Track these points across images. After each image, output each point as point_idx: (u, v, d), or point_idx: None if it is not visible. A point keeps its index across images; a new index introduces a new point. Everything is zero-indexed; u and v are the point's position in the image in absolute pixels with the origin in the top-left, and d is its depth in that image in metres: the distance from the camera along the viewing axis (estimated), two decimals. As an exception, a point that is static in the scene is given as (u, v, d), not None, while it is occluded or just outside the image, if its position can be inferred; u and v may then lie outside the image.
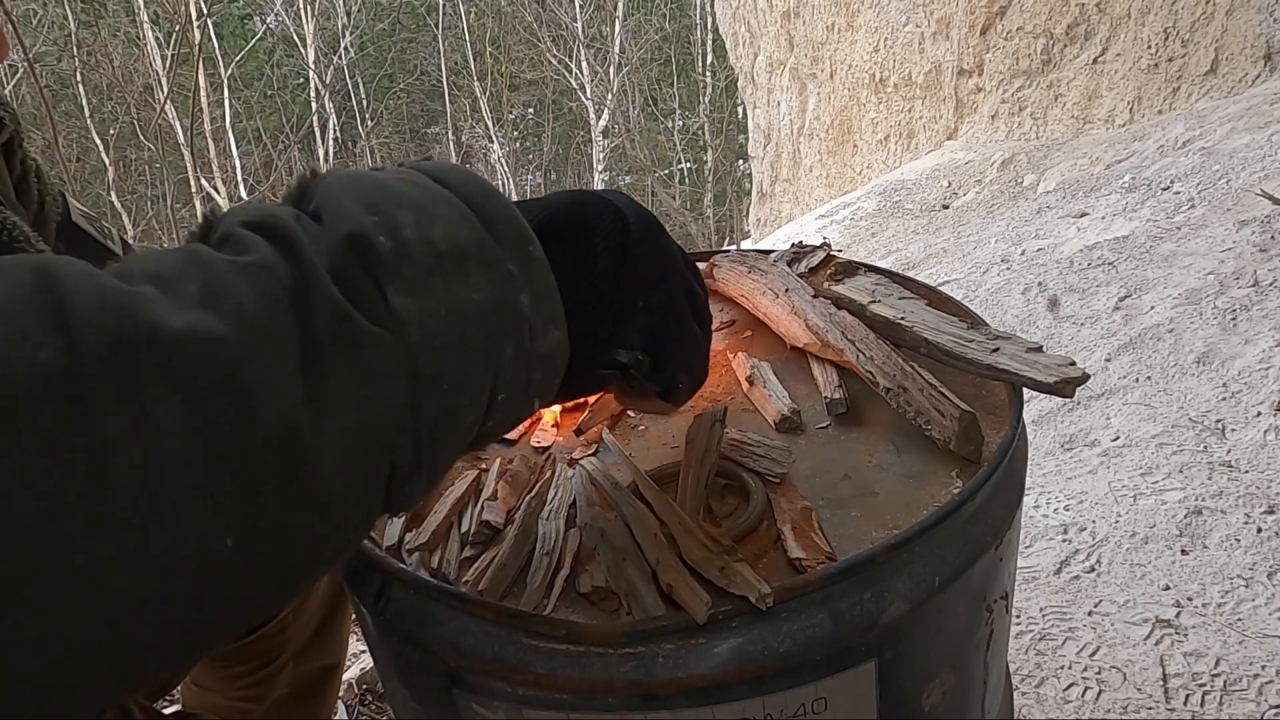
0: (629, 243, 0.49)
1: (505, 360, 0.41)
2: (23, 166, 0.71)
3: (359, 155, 14.26)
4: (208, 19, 9.84)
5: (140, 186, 12.67)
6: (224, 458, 0.33)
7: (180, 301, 0.33)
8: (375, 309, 0.37)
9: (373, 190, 0.40)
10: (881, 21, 5.44)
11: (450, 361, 0.39)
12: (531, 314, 0.42)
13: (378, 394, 0.37)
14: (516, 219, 0.43)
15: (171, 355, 0.32)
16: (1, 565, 0.28)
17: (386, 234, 0.38)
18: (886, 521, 0.56)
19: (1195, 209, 2.99)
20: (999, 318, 2.72)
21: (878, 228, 4.55)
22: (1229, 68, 3.96)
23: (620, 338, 0.49)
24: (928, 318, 0.70)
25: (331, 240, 0.37)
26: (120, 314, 0.32)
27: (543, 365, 0.44)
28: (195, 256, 0.36)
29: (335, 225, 0.38)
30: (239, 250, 0.36)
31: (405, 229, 0.39)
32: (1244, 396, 2.00)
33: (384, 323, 0.37)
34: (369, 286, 0.37)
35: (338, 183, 0.41)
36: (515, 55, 15.02)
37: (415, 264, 0.38)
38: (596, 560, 0.54)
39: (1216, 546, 1.57)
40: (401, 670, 0.57)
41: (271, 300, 0.35)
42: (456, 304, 0.39)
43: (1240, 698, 1.25)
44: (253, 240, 0.37)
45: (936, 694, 0.55)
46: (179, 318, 0.32)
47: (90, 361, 0.30)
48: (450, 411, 0.40)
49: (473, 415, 0.41)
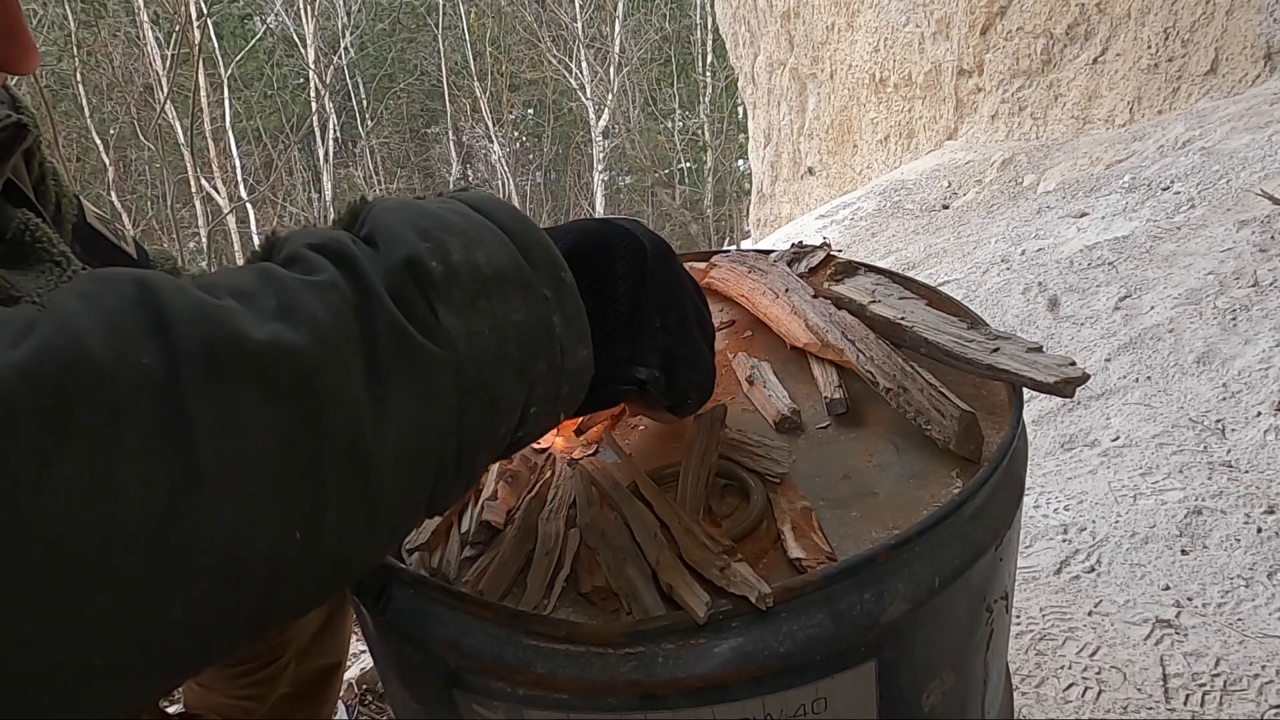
0: (647, 268, 0.52)
1: (538, 376, 0.45)
2: (40, 170, 0.72)
3: (359, 155, 14.25)
4: (208, 19, 9.84)
5: (140, 186, 12.67)
6: (298, 455, 0.36)
7: (261, 314, 0.37)
8: (429, 326, 0.41)
9: (422, 217, 0.44)
10: (881, 21, 5.44)
11: (492, 376, 0.43)
12: (563, 334, 0.46)
13: (431, 404, 0.40)
14: (549, 246, 0.46)
15: (258, 361, 0.35)
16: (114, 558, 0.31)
17: (437, 259, 0.42)
18: (886, 521, 0.56)
19: (1195, 209, 2.99)
20: (999, 318, 2.72)
21: (878, 228, 4.55)
22: (1229, 68, 3.96)
23: (638, 356, 0.53)
24: (928, 318, 0.70)
25: (389, 263, 0.41)
26: (212, 323, 0.35)
27: (570, 380, 0.47)
28: (269, 275, 0.39)
29: (391, 249, 0.42)
30: (307, 270, 0.40)
31: (454, 254, 0.42)
32: (1244, 396, 2.00)
33: (437, 339, 0.41)
34: (423, 306, 0.41)
35: (389, 210, 0.44)
36: (515, 55, 15.01)
37: (463, 287, 0.42)
38: (596, 560, 0.54)
39: (1216, 546, 1.57)
40: (401, 670, 0.57)
41: (340, 315, 0.38)
42: (498, 323, 0.43)
43: (1240, 698, 1.25)
44: (319, 261, 0.40)
45: (936, 694, 0.55)
46: (262, 329, 0.36)
47: (187, 365, 0.34)
48: (489, 422, 0.43)
49: (507, 426, 0.45)
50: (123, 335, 0.33)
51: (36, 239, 0.62)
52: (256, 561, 0.35)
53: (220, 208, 11.42)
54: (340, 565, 0.39)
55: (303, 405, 0.36)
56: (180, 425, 0.33)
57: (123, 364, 0.33)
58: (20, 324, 0.33)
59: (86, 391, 0.32)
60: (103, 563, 0.31)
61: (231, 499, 0.34)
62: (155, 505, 0.32)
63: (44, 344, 0.32)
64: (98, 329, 0.33)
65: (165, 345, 0.34)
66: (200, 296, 0.36)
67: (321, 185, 13.30)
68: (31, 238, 0.62)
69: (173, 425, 0.33)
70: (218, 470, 0.33)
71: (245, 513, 0.34)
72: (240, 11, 14.13)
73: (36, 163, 0.71)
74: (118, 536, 0.31)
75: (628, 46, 14.01)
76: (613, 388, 0.53)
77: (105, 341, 0.33)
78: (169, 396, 0.33)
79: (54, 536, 0.30)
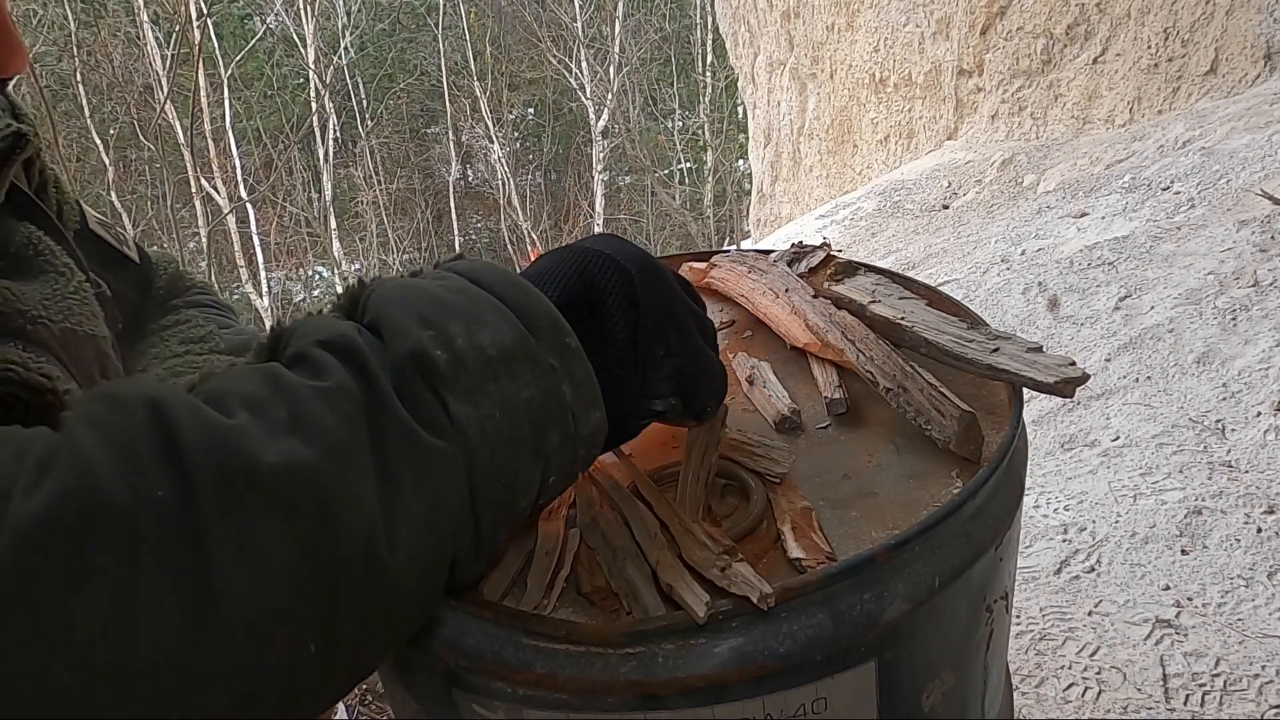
0: (637, 297, 0.51)
1: (553, 447, 0.45)
2: (41, 177, 0.71)
3: (359, 155, 14.25)
4: (208, 19, 9.85)
5: (140, 186, 12.67)
6: (314, 574, 0.36)
7: (273, 429, 0.37)
8: (437, 420, 0.41)
9: (423, 302, 0.44)
10: (881, 21, 5.44)
11: (506, 459, 0.43)
12: (574, 401, 0.46)
13: (442, 499, 0.41)
14: (551, 313, 0.46)
15: (272, 485, 0.36)
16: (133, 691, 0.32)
17: (442, 347, 0.42)
18: (886, 521, 0.56)
19: (1195, 209, 2.99)
20: (999, 318, 2.72)
21: (878, 228, 4.55)
22: (1229, 68, 3.96)
23: (650, 389, 0.52)
24: (928, 318, 0.70)
25: (394, 357, 0.41)
26: (224, 448, 0.35)
27: (586, 444, 0.48)
28: (279, 381, 0.39)
29: (396, 343, 0.42)
30: (317, 373, 0.40)
31: (458, 340, 0.43)
32: (1244, 396, 2.00)
33: (444, 433, 0.41)
34: (430, 399, 0.41)
35: (389, 296, 0.44)
36: (515, 55, 15.02)
37: (470, 373, 0.42)
38: (596, 560, 0.54)
39: (1216, 546, 1.57)
40: (401, 670, 0.57)
41: (350, 423, 0.39)
42: (508, 405, 0.43)
43: (1240, 698, 1.25)
44: (327, 361, 0.41)
45: (936, 694, 0.55)
46: (275, 449, 0.36)
47: (202, 495, 0.34)
48: (507, 503, 0.44)
49: (526, 501, 0.45)
50: (138, 467, 0.34)
51: (39, 251, 0.62)
52: (272, 680, 0.36)
53: (220, 208, 11.43)
54: (355, 671, 0.40)
55: (317, 523, 0.36)
56: (197, 557, 0.34)
57: (139, 501, 0.33)
58: (40, 457, 0.34)
59: (105, 534, 0.33)
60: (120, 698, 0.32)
61: (247, 623, 0.34)
62: (171, 637, 0.33)
63: (61, 490, 0.33)
64: (112, 463, 0.34)
65: (180, 475, 0.34)
66: (211, 418, 0.36)
67: (321, 185, 13.31)
68: (34, 250, 0.62)
69: (189, 557, 0.34)
70: (234, 596, 0.34)
71: (261, 635, 0.35)
72: (240, 11, 14.13)
73: (37, 170, 0.70)
74: (135, 671, 0.32)
75: (628, 46, 14.01)
76: (631, 424, 0.53)
77: (121, 477, 0.34)
78: (186, 528, 0.34)
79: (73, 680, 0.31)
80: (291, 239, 13.51)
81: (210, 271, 9.13)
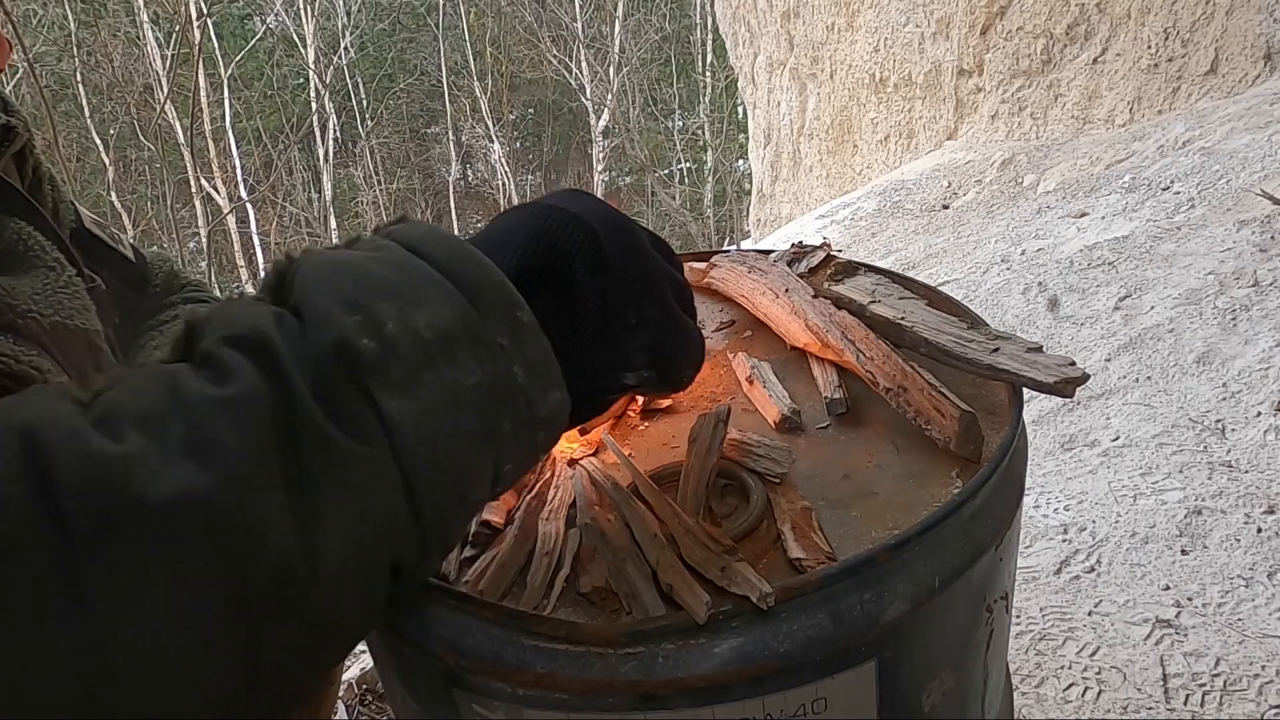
0: (605, 259, 0.46)
1: (505, 435, 0.41)
2: (35, 175, 0.71)
3: (359, 155, 14.25)
4: (208, 19, 9.84)
5: (140, 186, 12.67)
6: (217, 609, 0.33)
7: (166, 452, 0.33)
8: (362, 419, 0.37)
9: (351, 281, 0.39)
10: (881, 21, 5.44)
11: (449, 453, 0.39)
12: (527, 383, 0.41)
13: (371, 508, 0.37)
14: (501, 285, 0.42)
15: (163, 521, 0.32)
16: None
17: (369, 334, 0.37)
18: (886, 521, 0.56)
19: (1195, 209, 2.99)
20: (999, 318, 2.72)
21: (878, 228, 4.55)
22: (1229, 68, 3.96)
23: (622, 361, 0.48)
24: (928, 318, 0.70)
25: (315, 350, 0.37)
26: (107, 485, 0.32)
27: (545, 427, 0.43)
28: (177, 392, 0.35)
29: (317, 333, 0.37)
30: (221, 377, 0.36)
31: (389, 324, 0.38)
32: (1244, 396, 2.00)
33: (371, 435, 0.37)
34: (355, 397, 0.37)
35: (316, 275, 0.40)
36: (515, 55, 15.01)
37: (402, 361, 0.38)
38: (596, 560, 0.54)
39: (1216, 546, 1.57)
40: (401, 670, 0.57)
41: (256, 436, 0.35)
42: (449, 394, 0.39)
43: (1240, 698, 1.25)
44: (234, 362, 0.36)
45: (936, 694, 0.55)
46: (167, 478, 0.33)
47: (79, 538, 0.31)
48: (455, 498, 0.40)
49: (479, 493, 0.42)
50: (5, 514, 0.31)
51: (30, 247, 0.62)
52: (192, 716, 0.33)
53: (220, 208, 11.42)
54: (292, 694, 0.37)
55: (218, 558, 0.33)
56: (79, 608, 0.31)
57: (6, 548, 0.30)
58: None
59: None
60: None
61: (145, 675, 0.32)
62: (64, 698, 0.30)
63: None
64: None
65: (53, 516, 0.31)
66: (93, 448, 0.33)
67: (321, 185, 13.31)
68: (24, 246, 0.62)
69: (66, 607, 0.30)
70: (123, 647, 0.31)
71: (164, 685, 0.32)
72: (240, 11, 14.12)
73: (30, 167, 0.70)
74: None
75: (628, 46, 14.01)
76: (601, 400, 0.50)
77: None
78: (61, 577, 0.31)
79: None
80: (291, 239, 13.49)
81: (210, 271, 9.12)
